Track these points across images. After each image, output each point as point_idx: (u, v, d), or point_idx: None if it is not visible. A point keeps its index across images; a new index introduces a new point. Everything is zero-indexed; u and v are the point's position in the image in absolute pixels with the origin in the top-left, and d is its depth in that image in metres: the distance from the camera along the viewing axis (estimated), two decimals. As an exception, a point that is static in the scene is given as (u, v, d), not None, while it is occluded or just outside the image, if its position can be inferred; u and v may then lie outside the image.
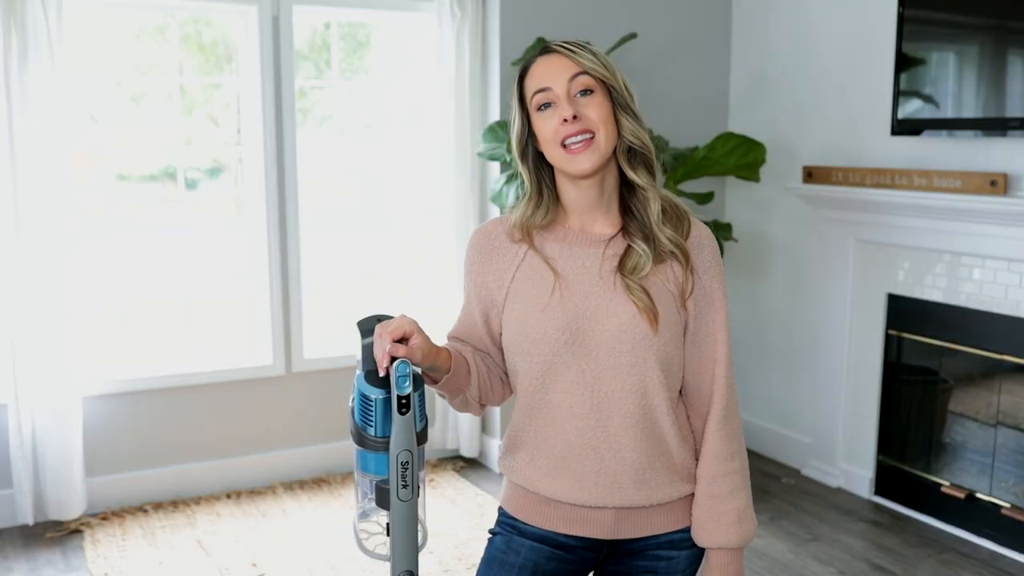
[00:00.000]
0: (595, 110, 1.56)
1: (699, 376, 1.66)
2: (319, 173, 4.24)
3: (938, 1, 3.64)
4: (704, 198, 3.95)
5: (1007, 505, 3.53)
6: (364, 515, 1.56)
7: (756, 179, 3.97)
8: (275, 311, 4.07)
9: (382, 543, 1.55)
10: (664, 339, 1.58)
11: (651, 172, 1.63)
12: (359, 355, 1.55)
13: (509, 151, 3.72)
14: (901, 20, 3.68)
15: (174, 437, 3.96)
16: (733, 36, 4.61)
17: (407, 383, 1.46)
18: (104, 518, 3.75)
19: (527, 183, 1.66)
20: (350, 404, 1.53)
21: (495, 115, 4.14)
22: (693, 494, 1.68)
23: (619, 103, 1.59)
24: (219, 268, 4.16)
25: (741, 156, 3.91)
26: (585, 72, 1.57)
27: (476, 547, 3.46)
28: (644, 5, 4.36)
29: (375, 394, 1.48)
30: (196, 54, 4.09)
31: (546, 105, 1.58)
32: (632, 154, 1.62)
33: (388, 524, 1.52)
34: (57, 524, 3.68)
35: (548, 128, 1.58)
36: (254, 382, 4.08)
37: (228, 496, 3.99)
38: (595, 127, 1.56)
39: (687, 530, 1.68)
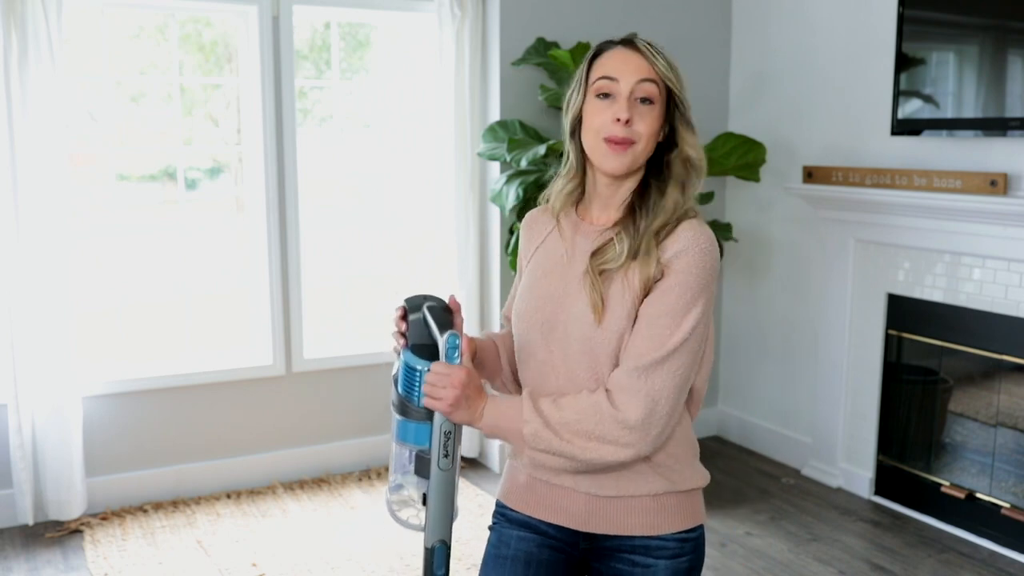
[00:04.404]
0: (647, 124, 1.60)
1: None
2: (319, 173, 4.24)
3: (938, 1, 3.64)
4: (704, 198, 3.95)
5: (1007, 505, 3.53)
6: (397, 487, 1.63)
7: (756, 179, 3.97)
8: (275, 311, 4.07)
9: (414, 513, 1.64)
10: (608, 333, 1.58)
11: (684, 191, 1.64)
12: (394, 339, 1.63)
13: (514, 149, 3.73)
14: (901, 20, 3.68)
15: (174, 437, 3.96)
16: (733, 36, 4.61)
17: (456, 354, 1.54)
18: (104, 518, 3.75)
19: (571, 158, 1.71)
20: (393, 375, 1.61)
21: (495, 115, 4.14)
22: (667, 494, 1.64)
23: (683, 118, 1.64)
24: (219, 268, 4.16)
25: (741, 156, 3.91)
26: (654, 81, 1.60)
27: (476, 547, 3.46)
28: (644, 5, 4.36)
29: (421, 365, 1.56)
30: (196, 54, 4.09)
31: (605, 95, 1.61)
32: (687, 163, 1.64)
33: (424, 494, 1.59)
34: (57, 524, 3.68)
35: (598, 118, 1.61)
36: (254, 382, 4.08)
37: (228, 496, 3.99)
38: (639, 138, 1.60)
39: (665, 538, 1.65)
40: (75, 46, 3.74)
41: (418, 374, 1.56)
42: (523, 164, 3.68)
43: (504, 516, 1.75)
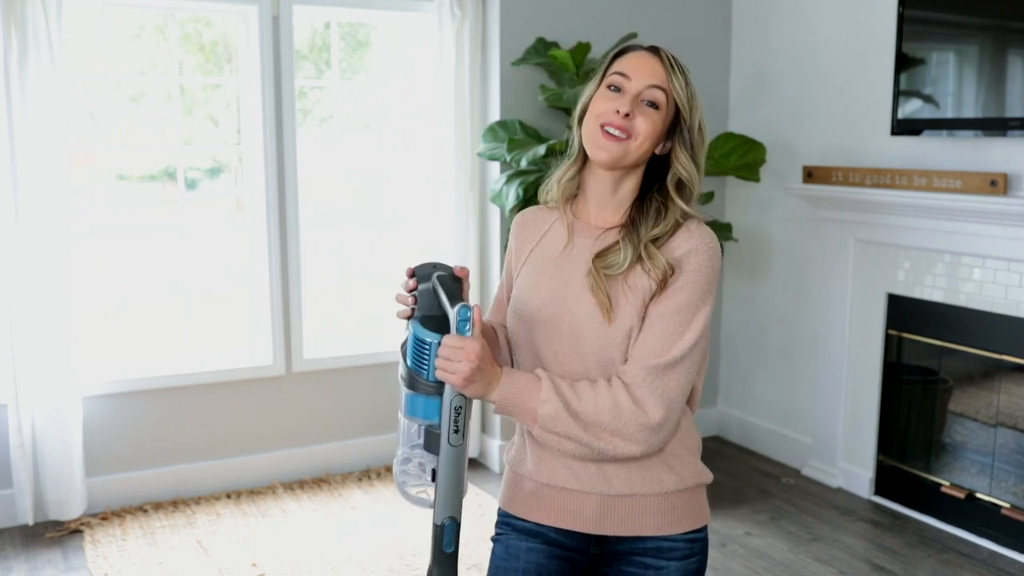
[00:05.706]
0: (647, 124, 1.62)
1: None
2: (319, 173, 4.24)
3: (938, 1, 3.64)
4: (704, 198, 3.93)
5: (1007, 505, 3.53)
6: (405, 460, 1.60)
7: (756, 179, 3.97)
8: (275, 311, 4.07)
9: (422, 489, 1.61)
10: (619, 331, 1.59)
11: (688, 201, 1.69)
12: (400, 308, 1.59)
13: (514, 149, 3.73)
14: (901, 20, 3.68)
15: (174, 437, 3.96)
16: (733, 36, 4.61)
17: (468, 326, 1.50)
18: (104, 518, 3.75)
19: (575, 145, 1.72)
20: (401, 348, 1.57)
21: (495, 115, 4.14)
22: (676, 492, 1.66)
23: (682, 138, 1.66)
24: (219, 268, 4.16)
25: (741, 156, 3.91)
26: (664, 90, 1.62)
27: (475, 547, 3.46)
28: (644, 5, 4.36)
29: (431, 338, 1.52)
30: (196, 54, 4.09)
31: (615, 88, 1.64)
32: (680, 184, 1.68)
33: (434, 470, 1.56)
34: (57, 524, 3.68)
35: (601, 106, 1.64)
36: (254, 382, 4.08)
37: (228, 496, 3.99)
38: (636, 136, 1.61)
39: (675, 539, 1.66)
40: (75, 46, 3.74)
41: (428, 347, 1.51)
42: (523, 164, 3.68)
43: (510, 526, 1.72)
